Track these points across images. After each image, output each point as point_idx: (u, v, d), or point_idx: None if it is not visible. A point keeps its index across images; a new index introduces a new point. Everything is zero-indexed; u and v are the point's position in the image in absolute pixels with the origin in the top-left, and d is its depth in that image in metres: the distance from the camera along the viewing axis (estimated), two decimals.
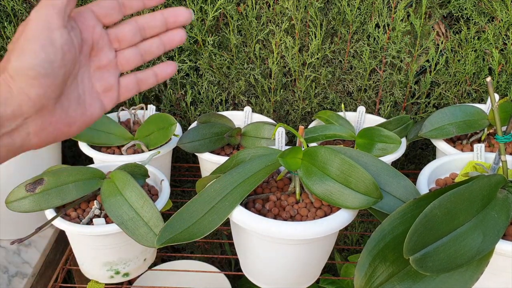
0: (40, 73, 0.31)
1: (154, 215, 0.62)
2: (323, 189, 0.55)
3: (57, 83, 0.32)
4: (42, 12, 0.31)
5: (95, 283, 0.72)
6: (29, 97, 0.31)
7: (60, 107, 0.33)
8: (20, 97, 0.31)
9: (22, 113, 0.31)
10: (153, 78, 0.39)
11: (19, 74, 0.31)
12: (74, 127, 0.35)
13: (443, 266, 0.43)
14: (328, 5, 0.90)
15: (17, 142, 0.32)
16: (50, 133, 0.33)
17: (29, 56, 0.31)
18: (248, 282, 0.74)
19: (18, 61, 0.31)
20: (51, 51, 0.31)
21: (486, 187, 0.50)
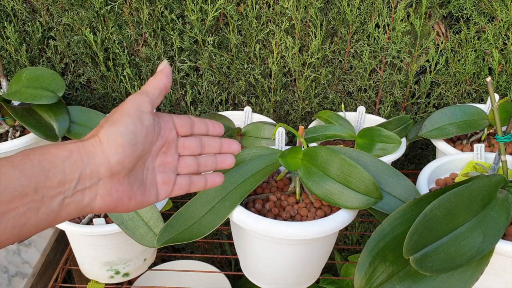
0: (126, 141, 0.36)
1: (154, 215, 0.63)
2: (323, 189, 0.55)
3: (134, 156, 0.37)
4: (137, 97, 0.38)
5: (95, 283, 0.72)
6: (109, 162, 0.35)
7: (128, 180, 0.37)
8: (102, 160, 0.35)
9: (98, 174, 0.35)
10: (203, 183, 0.45)
11: (109, 138, 0.35)
12: (133, 202, 0.39)
13: (443, 266, 0.43)
14: (328, 5, 0.90)
15: (85, 201, 0.35)
16: (113, 201, 0.37)
17: (122, 125, 0.36)
18: (248, 282, 0.74)
19: (111, 128, 0.36)
20: (138, 127, 0.37)
21: (486, 187, 0.50)
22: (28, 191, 0.31)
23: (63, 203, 0.34)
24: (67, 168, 0.33)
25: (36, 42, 0.96)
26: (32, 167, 0.32)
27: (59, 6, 0.92)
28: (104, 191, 0.36)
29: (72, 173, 0.34)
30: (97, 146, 0.35)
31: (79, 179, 0.34)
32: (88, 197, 0.35)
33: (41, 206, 0.32)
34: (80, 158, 0.34)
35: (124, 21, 0.93)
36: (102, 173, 0.35)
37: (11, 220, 0.31)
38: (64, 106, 0.80)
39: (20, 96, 0.75)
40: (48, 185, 0.32)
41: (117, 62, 0.97)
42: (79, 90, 1.02)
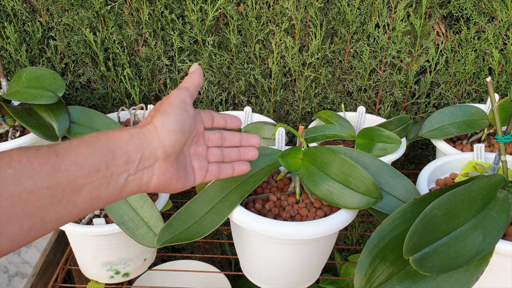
0: (177, 128, 0.42)
1: (154, 215, 0.63)
2: (323, 189, 0.55)
3: (182, 141, 0.43)
4: (180, 92, 0.45)
5: (95, 283, 0.72)
6: (164, 145, 0.41)
7: (176, 163, 0.43)
8: (158, 144, 0.41)
9: (155, 156, 0.41)
10: (231, 170, 0.51)
11: (163, 125, 0.41)
12: (179, 183, 0.44)
13: (443, 266, 0.43)
14: (328, 5, 0.90)
15: (144, 179, 0.40)
16: (166, 180, 0.42)
17: (172, 115, 0.42)
18: (248, 282, 0.74)
19: (164, 117, 0.42)
20: (185, 116, 0.44)
21: (486, 187, 0.50)
22: (101, 168, 0.36)
23: (127, 180, 0.39)
24: (130, 150, 0.39)
25: (36, 42, 0.96)
26: (102, 147, 0.37)
27: (59, 6, 0.92)
28: (159, 171, 0.41)
29: (134, 154, 0.39)
30: (153, 131, 0.41)
31: (140, 159, 0.39)
32: (146, 176, 0.41)
33: (110, 181, 0.37)
34: (140, 142, 0.40)
35: (124, 21, 0.93)
36: (158, 155, 0.41)
37: (88, 193, 0.36)
38: (64, 106, 0.80)
39: (20, 96, 0.75)
40: (116, 164, 0.37)
41: (117, 62, 0.97)
42: (79, 90, 1.02)
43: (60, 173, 0.34)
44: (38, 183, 0.32)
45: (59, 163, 0.34)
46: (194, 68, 0.48)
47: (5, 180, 0.31)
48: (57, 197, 0.33)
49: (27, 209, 0.32)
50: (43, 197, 0.32)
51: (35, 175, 0.32)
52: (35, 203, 0.32)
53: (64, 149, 0.35)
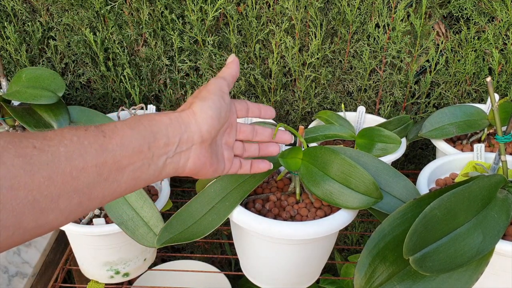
0: (214, 114, 0.43)
1: (154, 215, 0.63)
2: (323, 189, 0.55)
3: (218, 127, 0.44)
4: (218, 81, 0.46)
5: (95, 283, 0.72)
6: (201, 130, 0.42)
7: (211, 148, 0.45)
8: (195, 128, 0.42)
9: (192, 140, 0.42)
10: (248, 167, 0.52)
11: (201, 111, 0.43)
12: (211, 169, 0.46)
13: (443, 266, 0.43)
14: (328, 5, 0.90)
15: (181, 162, 0.42)
16: (200, 164, 0.44)
17: (210, 101, 0.44)
18: (248, 282, 0.74)
19: (202, 103, 0.43)
20: (222, 104, 0.45)
21: (486, 187, 0.50)
22: (143, 149, 0.38)
23: (166, 163, 0.40)
24: (170, 133, 0.40)
25: (36, 42, 0.96)
26: (144, 130, 0.39)
27: (59, 6, 0.92)
28: (195, 155, 0.43)
29: (174, 137, 0.40)
30: (192, 117, 0.42)
31: (179, 143, 0.41)
32: (183, 159, 0.42)
33: (151, 163, 0.39)
34: (179, 125, 0.41)
35: (124, 21, 0.93)
36: (195, 140, 0.42)
37: (131, 173, 0.37)
38: (64, 106, 0.80)
39: (20, 96, 0.75)
40: (157, 146, 0.39)
41: (117, 62, 0.97)
42: (79, 90, 1.02)
43: (107, 153, 0.35)
44: (88, 161, 0.34)
45: (106, 143, 0.35)
46: (231, 59, 0.50)
47: (58, 158, 0.32)
48: (103, 176, 0.35)
49: (76, 186, 0.33)
50: (91, 174, 0.34)
51: (85, 154, 0.34)
52: (84, 180, 0.34)
53: (110, 130, 0.37)
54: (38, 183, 0.31)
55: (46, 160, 0.32)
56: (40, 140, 0.33)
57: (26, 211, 0.31)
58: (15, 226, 0.30)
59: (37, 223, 0.32)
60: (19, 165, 0.30)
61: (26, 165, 0.31)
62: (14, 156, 0.30)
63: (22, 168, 0.30)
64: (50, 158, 0.32)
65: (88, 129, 0.36)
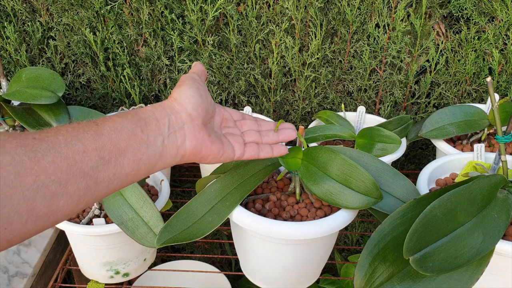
0: (193, 92, 0.46)
1: (154, 215, 0.62)
2: (323, 189, 0.54)
3: (203, 106, 0.46)
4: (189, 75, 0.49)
5: (95, 283, 0.72)
6: (186, 109, 0.45)
7: (205, 128, 0.46)
8: (180, 108, 0.45)
9: (182, 119, 0.44)
10: (270, 150, 0.53)
11: (180, 94, 0.46)
12: (215, 147, 0.47)
13: (443, 266, 0.43)
14: (328, 5, 0.90)
15: (178, 141, 0.44)
16: (199, 142, 0.45)
17: (186, 84, 0.47)
18: (248, 282, 0.74)
19: (179, 88, 0.46)
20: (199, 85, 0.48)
21: (486, 187, 0.49)
22: (137, 132, 0.40)
23: (164, 143, 0.42)
24: (157, 115, 0.43)
25: (36, 42, 0.96)
26: (132, 116, 0.41)
27: (59, 6, 0.92)
28: (190, 132, 0.44)
29: (162, 119, 0.43)
30: (173, 101, 0.45)
31: (169, 123, 0.43)
32: (180, 138, 0.44)
33: (149, 144, 0.41)
34: (163, 109, 0.44)
35: (124, 21, 0.93)
36: (184, 118, 0.44)
37: (132, 155, 0.39)
38: (64, 106, 0.80)
39: (20, 96, 0.75)
40: (149, 128, 0.41)
41: (117, 62, 0.97)
42: (79, 90, 1.02)
43: (103, 137, 0.37)
44: (87, 145, 0.36)
45: (101, 129, 0.38)
46: (194, 64, 0.53)
47: (59, 144, 0.34)
48: (105, 158, 0.37)
49: (82, 169, 0.35)
50: (93, 158, 0.36)
51: (83, 139, 0.36)
52: (88, 164, 0.35)
53: (101, 120, 0.39)
54: (44, 168, 0.32)
55: (47, 147, 0.33)
56: (38, 133, 0.35)
57: (36, 196, 0.32)
58: (28, 212, 0.31)
59: (49, 209, 0.33)
60: (22, 153, 0.32)
61: (29, 153, 0.32)
62: (16, 145, 0.32)
63: (26, 155, 0.32)
64: (51, 145, 0.34)
65: (80, 122, 0.38)
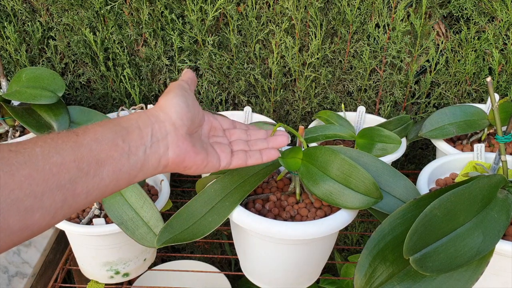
0: (180, 101, 0.45)
1: (154, 215, 0.62)
2: (323, 189, 0.54)
3: (189, 115, 0.45)
4: (177, 82, 0.48)
5: (95, 283, 0.72)
6: (171, 118, 0.44)
7: (190, 138, 0.45)
8: (165, 117, 0.44)
9: (165, 128, 0.43)
10: (259, 156, 0.51)
11: (166, 102, 0.45)
12: (199, 157, 0.46)
13: (443, 266, 0.43)
14: (328, 5, 0.90)
15: (161, 150, 0.43)
16: (182, 152, 0.44)
17: (173, 93, 0.46)
18: (248, 282, 0.74)
19: (165, 96, 0.45)
20: (186, 94, 0.46)
21: (486, 187, 0.49)
22: (118, 142, 0.39)
23: (146, 153, 0.41)
24: (140, 124, 0.42)
25: (36, 42, 0.96)
26: (114, 126, 0.40)
27: (59, 6, 0.92)
28: (173, 143, 0.44)
29: (145, 128, 0.42)
30: (159, 109, 0.44)
31: (152, 132, 0.42)
32: (162, 148, 0.43)
33: (130, 154, 0.40)
34: (147, 118, 0.43)
35: (124, 21, 0.93)
36: (168, 128, 0.43)
37: (111, 166, 0.38)
38: (64, 106, 0.80)
39: (20, 96, 0.75)
40: (131, 138, 0.40)
41: (117, 62, 0.97)
42: (79, 90, 1.02)
43: (83, 148, 0.36)
44: (65, 156, 0.35)
45: (81, 140, 0.37)
46: (185, 70, 0.52)
47: (35, 156, 0.33)
48: (84, 170, 0.36)
49: (58, 182, 0.34)
50: (71, 170, 0.35)
51: (61, 150, 0.35)
52: (65, 176, 0.35)
53: (82, 130, 0.38)
54: (19, 182, 0.32)
55: (24, 160, 0.33)
56: (14, 145, 0.34)
57: (10, 210, 0.31)
58: (1, 227, 0.31)
59: (24, 223, 0.32)
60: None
61: (4, 166, 0.31)
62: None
63: (0, 169, 0.31)
64: (27, 158, 0.33)
65: (60, 132, 0.37)
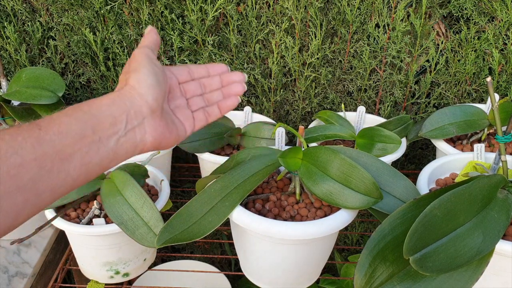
0: (153, 81, 0.43)
1: (154, 215, 0.62)
2: (323, 189, 0.54)
3: (162, 93, 0.43)
4: (142, 50, 0.45)
5: (95, 283, 0.72)
6: (147, 101, 0.42)
7: (163, 117, 0.44)
8: (141, 102, 0.41)
9: (142, 113, 0.41)
10: (217, 110, 0.50)
11: (140, 82, 0.42)
12: (172, 136, 0.45)
13: (443, 266, 0.43)
14: (328, 5, 0.90)
15: (138, 138, 0.41)
16: (159, 135, 0.43)
17: (144, 70, 0.43)
18: (248, 282, 0.73)
19: (137, 74, 0.42)
20: (156, 69, 0.44)
21: (486, 187, 0.49)
22: (86, 133, 0.37)
23: (119, 142, 0.39)
24: (114, 112, 0.39)
25: (36, 42, 0.96)
26: (83, 114, 0.37)
27: (59, 6, 0.92)
28: (150, 127, 0.42)
29: (120, 115, 0.39)
30: (133, 91, 0.41)
31: (127, 119, 0.40)
32: (139, 135, 0.41)
33: (100, 146, 0.38)
34: (123, 102, 0.40)
35: (124, 21, 0.93)
36: (145, 112, 0.41)
37: (79, 160, 0.36)
38: (64, 106, 0.80)
39: (20, 96, 0.75)
40: (102, 127, 0.38)
41: (117, 62, 0.97)
42: (79, 90, 1.02)
43: (45, 144, 0.34)
44: (25, 156, 0.32)
45: (43, 135, 0.34)
46: (149, 29, 0.49)
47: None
48: (46, 168, 0.34)
49: (18, 183, 0.32)
50: (32, 169, 0.33)
51: (21, 149, 0.33)
52: (25, 176, 0.32)
53: (46, 122, 0.35)
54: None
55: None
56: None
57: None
58: None
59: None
60: None
61: None
62: None
63: None
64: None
65: (22, 126, 0.34)
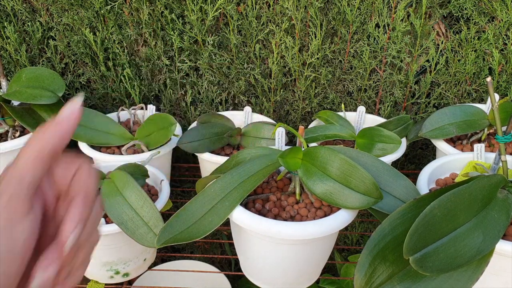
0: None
1: (154, 215, 0.62)
2: (323, 189, 0.54)
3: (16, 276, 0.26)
4: (7, 192, 0.26)
5: (95, 283, 0.72)
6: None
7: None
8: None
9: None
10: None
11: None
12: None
13: (443, 266, 0.43)
14: (328, 5, 0.90)
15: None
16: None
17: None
18: (248, 282, 0.74)
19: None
20: (10, 257, 0.25)
21: (486, 187, 0.49)
22: None
23: None
24: None
25: (36, 42, 0.96)
26: None
27: (59, 6, 0.92)
28: None
29: None
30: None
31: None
32: None
33: None
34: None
35: (124, 21, 0.93)
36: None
37: None
38: (64, 106, 0.80)
39: (20, 96, 0.75)
40: None
41: (117, 62, 0.97)
42: (79, 90, 1.02)
43: None
44: None
45: None
46: (68, 110, 0.29)
47: None
48: None
49: None
50: None
51: None
52: None
53: None
54: None
55: None
56: None
57: None
58: None
59: None
60: None
61: None
62: None
63: None
64: None
65: None
